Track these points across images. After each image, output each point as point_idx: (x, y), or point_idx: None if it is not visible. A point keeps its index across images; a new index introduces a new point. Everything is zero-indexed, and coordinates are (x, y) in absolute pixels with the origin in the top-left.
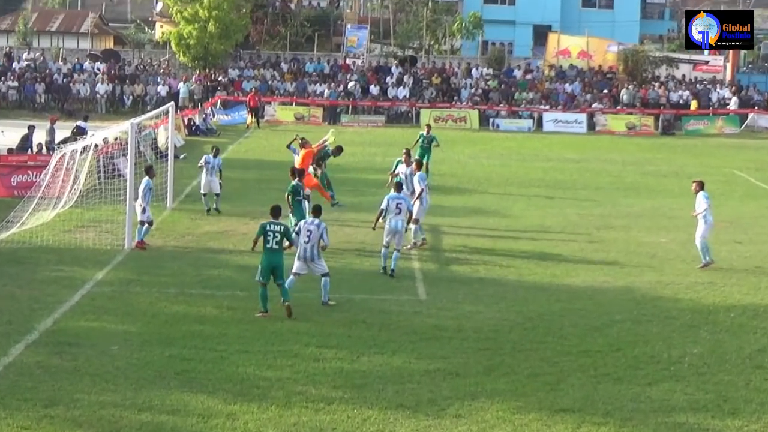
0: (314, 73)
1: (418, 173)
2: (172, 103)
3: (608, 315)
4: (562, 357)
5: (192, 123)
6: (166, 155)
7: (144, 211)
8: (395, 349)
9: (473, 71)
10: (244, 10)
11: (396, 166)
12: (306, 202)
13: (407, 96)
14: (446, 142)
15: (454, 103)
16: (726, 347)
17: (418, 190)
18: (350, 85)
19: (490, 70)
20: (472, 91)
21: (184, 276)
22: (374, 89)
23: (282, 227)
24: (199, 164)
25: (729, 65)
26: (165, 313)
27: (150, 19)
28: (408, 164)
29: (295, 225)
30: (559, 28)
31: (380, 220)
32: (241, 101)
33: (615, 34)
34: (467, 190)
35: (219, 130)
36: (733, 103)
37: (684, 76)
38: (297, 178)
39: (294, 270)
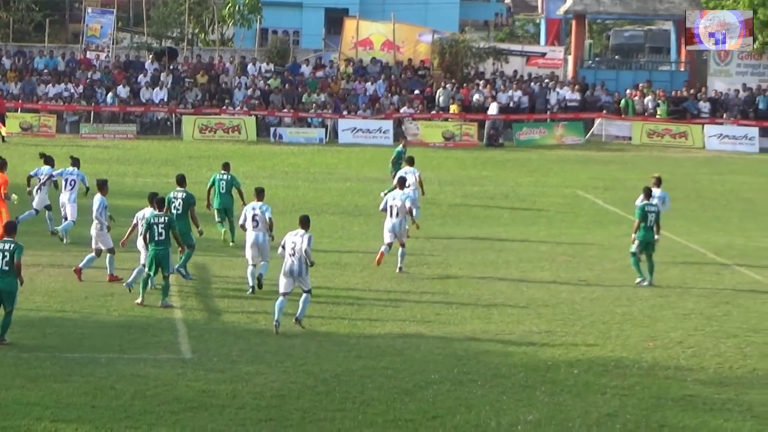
0: (45, 71)
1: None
2: None
3: (422, 375)
4: (364, 428)
5: None
6: None
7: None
8: (153, 422)
9: (249, 67)
10: None
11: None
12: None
13: (165, 99)
14: (214, 157)
15: (225, 108)
16: (568, 412)
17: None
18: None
19: (271, 66)
20: (248, 92)
21: None
22: (123, 91)
23: (12, 245)
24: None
25: (571, 59)
26: None
27: None
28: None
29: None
30: (358, 13)
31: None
32: None
33: (429, 20)
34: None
35: None
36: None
37: (516, 72)
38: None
39: (281, 290)
